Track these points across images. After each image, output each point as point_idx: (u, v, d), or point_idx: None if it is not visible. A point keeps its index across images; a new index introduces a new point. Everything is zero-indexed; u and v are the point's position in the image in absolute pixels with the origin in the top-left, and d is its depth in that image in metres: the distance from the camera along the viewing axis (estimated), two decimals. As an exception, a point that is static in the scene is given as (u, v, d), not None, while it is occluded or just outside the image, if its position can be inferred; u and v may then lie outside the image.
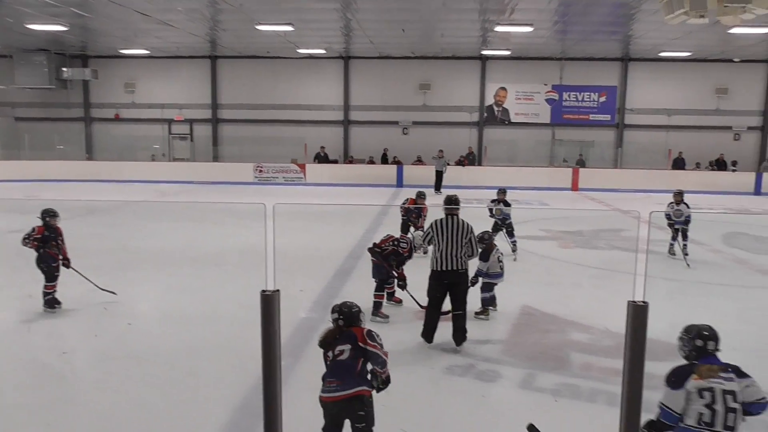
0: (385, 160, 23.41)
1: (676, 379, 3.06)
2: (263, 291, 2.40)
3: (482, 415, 4.34)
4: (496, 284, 6.72)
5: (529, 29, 16.88)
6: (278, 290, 2.41)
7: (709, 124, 23.57)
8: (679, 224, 9.91)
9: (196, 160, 24.68)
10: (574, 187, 21.57)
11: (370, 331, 3.52)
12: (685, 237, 9.81)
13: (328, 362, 3.49)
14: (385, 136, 24.40)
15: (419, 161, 23.00)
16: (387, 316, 6.54)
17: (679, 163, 22.43)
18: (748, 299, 7.72)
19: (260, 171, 22.37)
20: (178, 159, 25.03)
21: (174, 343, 5.78)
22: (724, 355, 3.17)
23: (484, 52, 22.52)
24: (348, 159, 24.26)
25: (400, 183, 21.48)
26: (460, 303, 5.62)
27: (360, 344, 3.42)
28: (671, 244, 10.14)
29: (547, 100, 23.80)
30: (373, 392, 3.48)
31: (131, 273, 8.73)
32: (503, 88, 23.95)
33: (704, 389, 2.98)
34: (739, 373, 3.06)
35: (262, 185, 21.77)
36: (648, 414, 2.66)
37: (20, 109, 25.23)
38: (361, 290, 7.20)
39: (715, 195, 19.90)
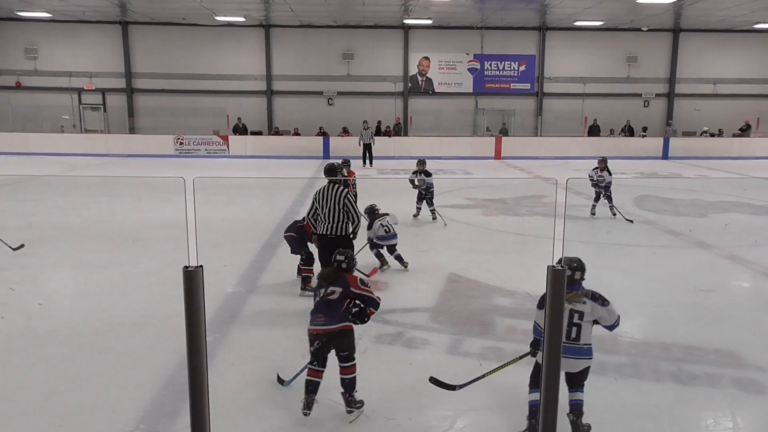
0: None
1: (544, 302, 3.33)
2: (185, 267, 2.31)
3: (411, 381, 4.44)
4: (383, 246, 7.41)
5: (450, -2, 16.96)
6: (201, 266, 2.33)
7: (620, 91, 24.71)
8: (601, 188, 10.59)
9: (111, 131, 23.44)
10: (497, 155, 22.14)
11: (362, 279, 4.15)
12: (609, 200, 10.56)
13: (317, 298, 4.01)
14: (309, 107, 24.03)
15: (345, 132, 22.85)
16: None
17: (594, 130, 23.45)
18: (656, 258, 8.24)
19: (180, 143, 21.54)
20: (91, 131, 23.68)
21: (90, 322, 5.54)
22: (635, 310, 3.38)
23: (407, 21, 22.47)
24: (274, 130, 23.76)
25: (326, 154, 21.30)
26: None
27: (353, 289, 4.01)
28: (593, 206, 10.80)
29: (470, 70, 24.14)
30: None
31: (40, 249, 8.25)
32: (426, 58, 24.07)
33: (568, 310, 3.55)
34: (603, 302, 3.67)
35: (183, 158, 21.01)
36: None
37: None
38: (288, 264, 7.15)
39: (626, 160, 20.97)
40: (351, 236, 5.95)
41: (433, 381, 4.04)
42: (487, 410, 4.10)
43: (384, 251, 7.48)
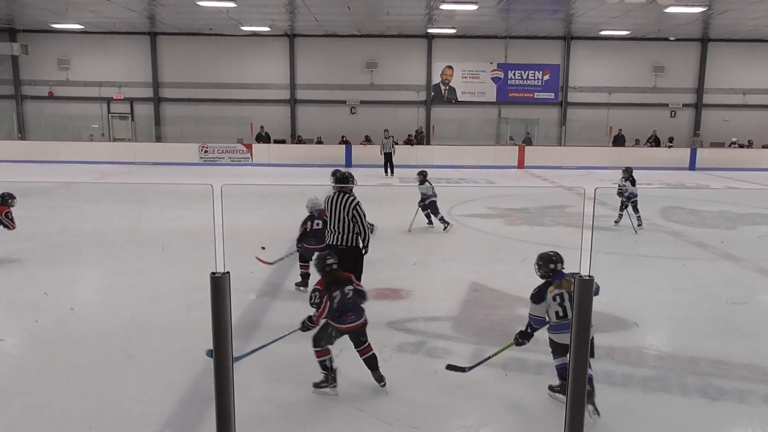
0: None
1: (539, 296, 4.14)
2: (213, 273, 2.35)
3: (434, 390, 4.43)
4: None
5: (473, 7, 16.98)
6: (228, 272, 2.37)
7: (647, 101, 24.43)
8: (624, 197, 10.48)
9: (138, 140, 23.86)
10: (520, 165, 22.02)
11: (353, 276, 4.52)
12: (635, 210, 10.40)
13: (337, 300, 4.24)
14: (332, 116, 24.20)
15: (367, 141, 22.94)
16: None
17: (619, 140, 23.19)
18: (682, 270, 8.10)
19: (205, 151, 21.83)
20: (119, 139, 24.14)
21: (119, 327, 5.63)
22: (661, 323, 3.33)
23: (430, 30, 22.54)
24: (297, 139, 23.96)
25: (348, 163, 21.39)
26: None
27: (355, 285, 4.38)
28: (619, 215, 10.63)
29: (493, 79, 24.10)
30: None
31: (71, 256, 8.43)
32: (449, 67, 24.09)
33: (557, 294, 4.06)
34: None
35: (207, 166, 21.29)
36: (598, 384, 2.77)
37: (-58, 85, 23.78)
38: (311, 272, 7.18)
39: (652, 170, 20.69)
40: (363, 251, 5.67)
41: (449, 367, 4.44)
42: (510, 418, 4.07)
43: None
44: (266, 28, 22.02)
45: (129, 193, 15.25)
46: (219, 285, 2.36)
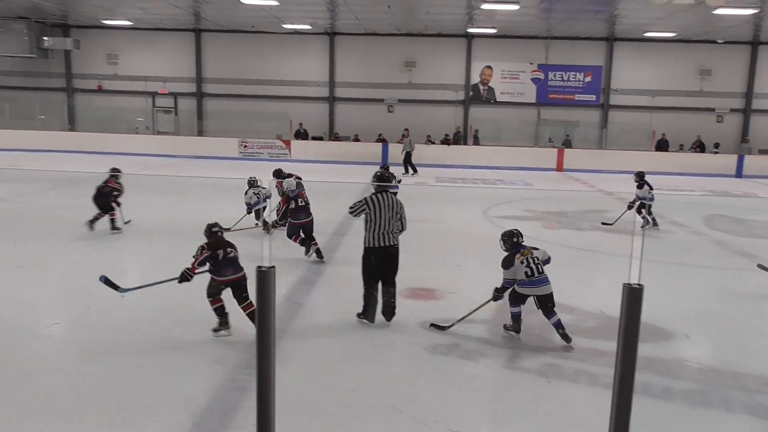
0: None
1: (508, 263, 5.43)
2: (259, 267, 2.39)
3: (466, 393, 4.41)
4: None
5: (515, 7, 16.80)
6: (273, 266, 2.40)
7: (692, 105, 23.78)
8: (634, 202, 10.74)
9: (180, 133, 24.39)
10: (559, 167, 21.71)
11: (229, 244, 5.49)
12: (648, 212, 10.57)
13: (220, 259, 5.26)
14: (370, 114, 24.27)
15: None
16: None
17: (662, 145, 22.65)
18: (727, 280, 7.88)
19: (245, 146, 22.17)
20: (162, 132, 24.71)
21: (160, 315, 5.78)
22: (704, 335, 3.25)
23: (470, 30, 22.39)
24: (334, 136, 24.12)
25: (385, 161, 21.42)
26: (392, 278, 5.71)
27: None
28: (644, 219, 10.62)
29: (533, 80, 23.81)
30: None
31: (116, 243, 8.68)
32: (489, 67, 23.90)
33: (523, 260, 5.36)
34: (538, 249, 5.53)
35: (246, 160, 21.60)
36: (637, 395, 2.72)
37: (0, 77, 24.68)
38: (344, 269, 7.25)
39: (696, 177, 20.15)
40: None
41: (433, 326, 5.54)
42: (548, 424, 4.03)
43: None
44: (307, 26, 22.22)
45: (171, 185, 15.59)
46: (264, 278, 2.40)
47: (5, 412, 3.96)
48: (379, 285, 5.70)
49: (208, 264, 5.28)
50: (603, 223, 11.06)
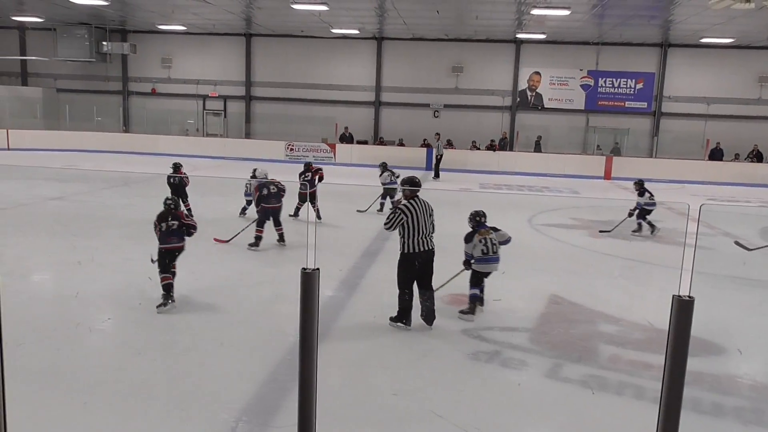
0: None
1: (469, 238, 6.20)
2: (304, 269, 2.43)
3: (508, 402, 4.37)
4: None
5: (566, 12, 16.55)
6: (318, 268, 2.44)
7: (750, 113, 22.90)
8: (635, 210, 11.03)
9: (229, 136, 24.94)
10: (607, 176, 21.23)
11: (186, 213, 6.81)
12: (642, 222, 10.93)
13: (163, 230, 6.09)
14: (415, 119, 24.29)
15: (450, 145, 22.85)
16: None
17: (716, 154, 21.88)
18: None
19: (291, 149, 22.51)
20: (211, 134, 25.33)
21: (209, 314, 5.93)
22: (758, 351, 3.13)
23: (519, 36, 22.16)
24: (379, 140, 24.23)
25: (429, 166, 21.41)
26: (430, 282, 5.71)
27: (183, 221, 6.23)
28: (650, 225, 10.88)
29: (582, 86, 23.39)
30: None
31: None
32: (537, 73, 23.60)
33: (481, 239, 6.13)
34: (496, 230, 6.29)
35: (292, 163, 21.90)
36: (684, 410, 2.66)
37: (61, 80, 25.84)
38: (386, 272, 7.26)
39: (753, 188, 19.39)
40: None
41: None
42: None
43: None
44: (355, 31, 22.42)
45: (217, 186, 15.94)
46: (309, 280, 2.45)
47: (60, 404, 4.13)
48: (415, 290, 5.70)
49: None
50: (600, 231, 11.07)
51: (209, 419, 3.96)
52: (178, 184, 10.13)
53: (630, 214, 10.92)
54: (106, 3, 18.10)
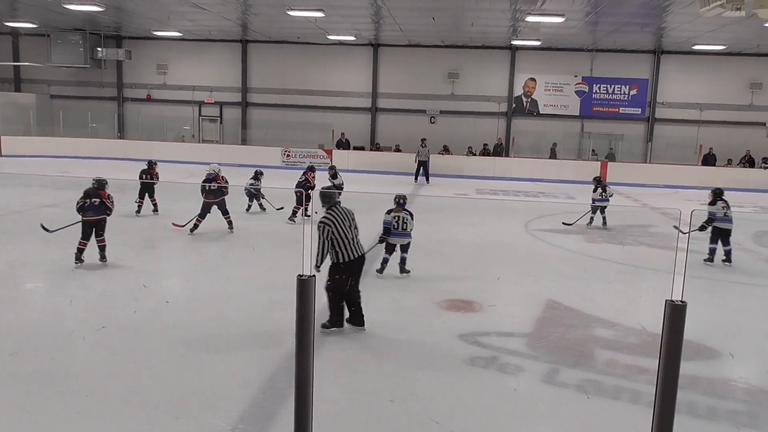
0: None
1: (387, 214, 7.51)
2: (299, 275, 2.45)
3: (505, 407, 4.39)
4: None
5: (560, 20, 16.65)
6: (314, 275, 2.46)
7: (742, 119, 23.06)
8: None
9: (225, 142, 24.93)
10: (603, 181, 21.26)
11: (109, 195, 7.59)
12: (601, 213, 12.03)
13: (86, 204, 7.40)
14: (412, 125, 24.35)
15: (446, 151, 22.91)
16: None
17: (709, 160, 22.00)
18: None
19: (287, 155, 22.52)
20: (207, 141, 25.31)
21: (204, 320, 5.92)
22: (752, 354, 3.15)
23: (514, 42, 22.27)
24: (374, 146, 24.28)
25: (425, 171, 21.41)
26: (358, 286, 5.73)
27: (104, 199, 7.48)
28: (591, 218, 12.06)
29: (577, 92, 23.51)
30: None
31: (162, 248, 8.94)
32: (532, 79, 23.71)
33: (395, 216, 7.48)
34: (411, 215, 7.55)
35: (288, 170, 21.91)
36: (679, 414, 2.67)
37: (55, 86, 25.78)
38: (383, 277, 7.29)
39: (745, 192, 19.49)
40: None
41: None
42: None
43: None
44: (351, 38, 22.47)
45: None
46: (305, 287, 2.46)
47: (53, 411, 4.12)
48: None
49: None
50: (563, 223, 11.84)
51: (205, 426, 3.96)
52: (146, 182, 10.80)
53: (593, 209, 12.10)
54: (100, 9, 18.09)
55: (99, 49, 23.40)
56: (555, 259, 9.48)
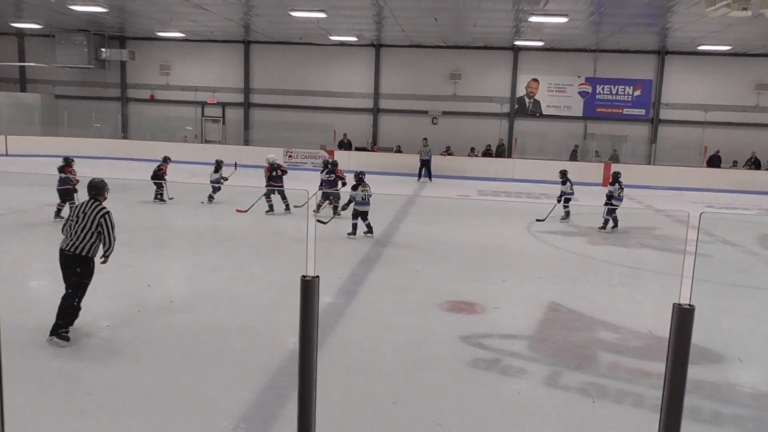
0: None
1: (353, 188, 9.84)
2: (303, 276, 2.43)
3: (507, 410, 4.36)
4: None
5: (563, 20, 16.63)
6: (318, 276, 2.44)
7: (747, 121, 22.98)
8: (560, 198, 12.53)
9: (227, 143, 24.95)
10: (605, 182, 21.22)
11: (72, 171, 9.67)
12: (565, 206, 12.59)
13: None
14: (413, 126, 24.34)
15: (448, 152, 22.90)
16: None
17: (714, 161, 21.93)
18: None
19: (289, 156, 22.52)
20: (210, 141, 25.35)
21: (207, 321, 5.91)
22: (759, 358, 3.12)
23: (517, 43, 22.24)
24: (372, 147, 24.27)
25: (427, 173, 21.39)
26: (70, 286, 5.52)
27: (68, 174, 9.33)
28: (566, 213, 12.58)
29: (580, 93, 23.46)
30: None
31: (164, 249, 8.93)
32: (535, 80, 23.67)
33: (363, 190, 9.79)
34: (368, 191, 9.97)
35: (290, 170, 21.89)
36: (683, 418, 2.65)
37: (60, 87, 25.87)
38: (386, 279, 7.27)
39: (751, 194, 19.43)
40: (101, 260, 5.59)
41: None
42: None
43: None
44: (353, 38, 22.48)
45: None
46: (309, 288, 2.44)
47: (57, 410, 4.11)
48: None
49: None
50: (537, 220, 12.20)
51: (207, 427, 3.94)
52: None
53: (558, 201, 12.52)
54: (104, 10, 18.14)
55: (103, 49, 23.48)
56: (557, 261, 9.45)
